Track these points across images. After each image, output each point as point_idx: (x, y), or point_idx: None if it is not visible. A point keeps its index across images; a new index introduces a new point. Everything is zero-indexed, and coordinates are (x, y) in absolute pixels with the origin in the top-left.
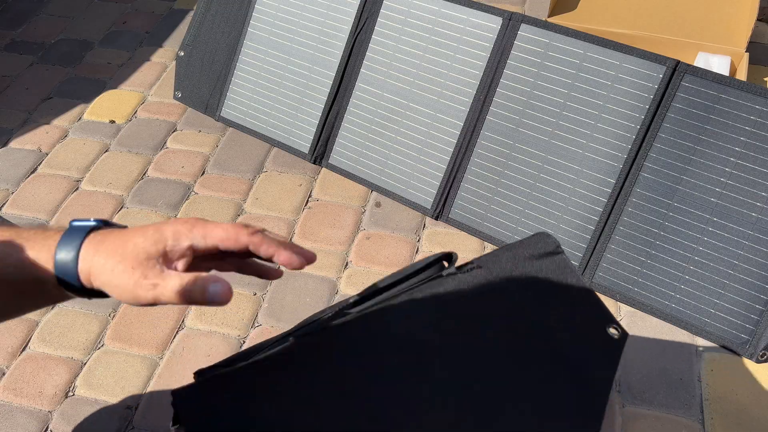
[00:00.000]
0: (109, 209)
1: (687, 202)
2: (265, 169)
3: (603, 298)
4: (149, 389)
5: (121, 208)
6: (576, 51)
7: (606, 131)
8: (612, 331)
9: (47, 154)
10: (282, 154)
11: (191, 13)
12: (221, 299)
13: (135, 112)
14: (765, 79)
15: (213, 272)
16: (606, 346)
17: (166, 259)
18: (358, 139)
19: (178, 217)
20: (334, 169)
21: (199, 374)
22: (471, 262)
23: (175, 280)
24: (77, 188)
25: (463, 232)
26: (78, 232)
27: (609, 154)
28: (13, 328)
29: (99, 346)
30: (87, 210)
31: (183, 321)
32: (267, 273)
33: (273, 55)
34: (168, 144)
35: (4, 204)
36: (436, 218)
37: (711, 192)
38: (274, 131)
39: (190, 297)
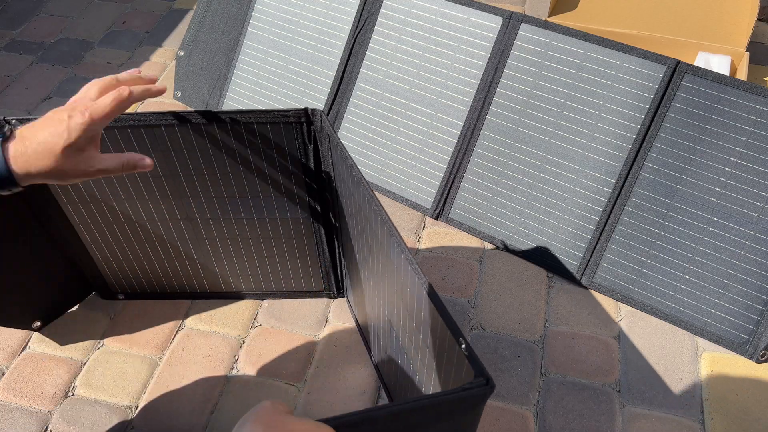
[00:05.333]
0: None
1: (687, 202)
2: None
3: (603, 298)
4: (149, 389)
5: None
6: (576, 51)
7: (606, 131)
8: None
9: None
10: None
11: (191, 13)
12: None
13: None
14: (765, 79)
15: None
16: None
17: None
18: (358, 138)
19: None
20: None
21: None
22: None
23: (105, 98)
24: None
25: (463, 232)
26: None
27: (609, 153)
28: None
29: (99, 346)
30: None
31: (183, 321)
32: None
33: (273, 54)
34: None
35: None
36: (436, 218)
37: (711, 192)
38: None
39: (121, 103)
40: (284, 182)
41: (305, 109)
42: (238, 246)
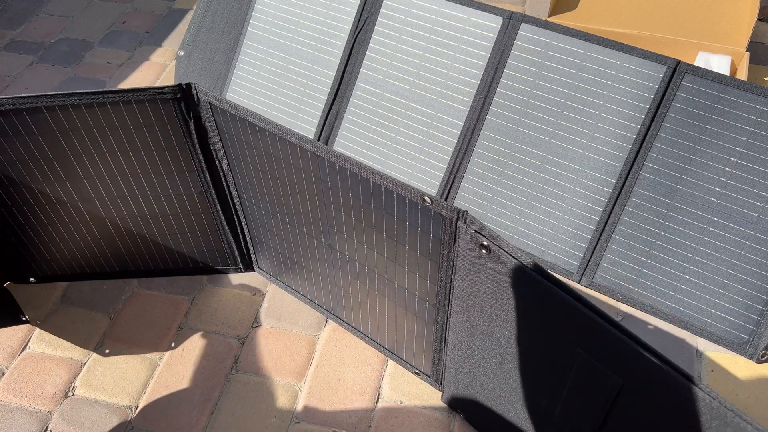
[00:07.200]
0: None
1: (687, 202)
2: None
3: (603, 297)
4: (149, 389)
5: None
6: (576, 51)
7: (606, 131)
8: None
9: None
10: None
11: (191, 13)
12: None
13: None
14: (765, 79)
15: None
16: None
17: None
18: (358, 139)
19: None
20: None
21: None
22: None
23: None
24: None
25: None
26: None
27: (609, 153)
28: (13, 327)
29: (99, 346)
30: None
31: (183, 321)
32: None
33: (273, 55)
34: None
35: None
36: None
37: (711, 192)
38: None
39: None
40: (171, 158)
41: (180, 85)
42: (138, 224)
